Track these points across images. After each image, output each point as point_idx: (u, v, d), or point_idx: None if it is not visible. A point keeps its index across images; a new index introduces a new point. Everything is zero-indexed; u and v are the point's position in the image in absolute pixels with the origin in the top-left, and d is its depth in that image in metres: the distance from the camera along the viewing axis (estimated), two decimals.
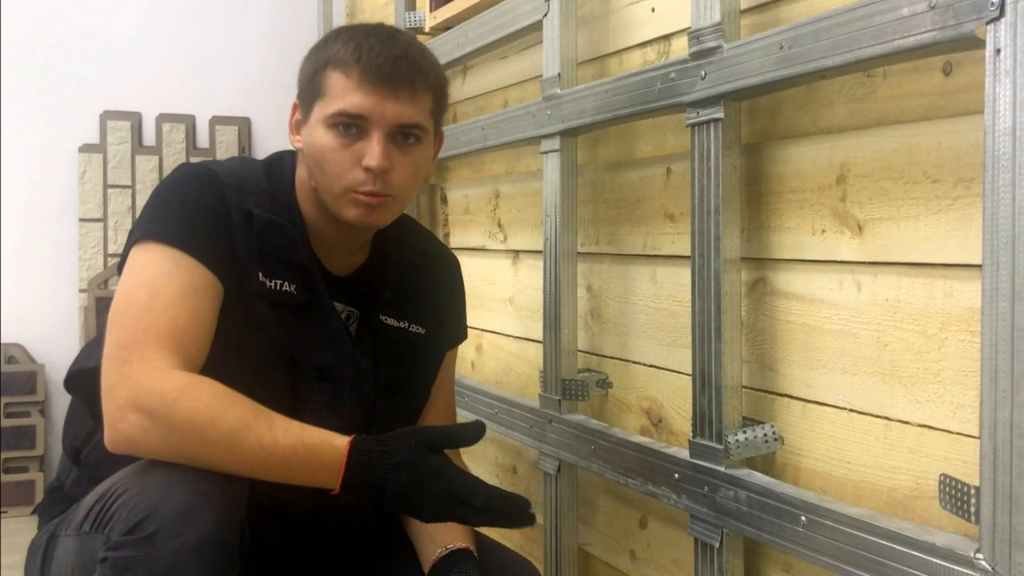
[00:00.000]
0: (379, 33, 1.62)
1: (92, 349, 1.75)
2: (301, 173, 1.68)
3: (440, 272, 1.91)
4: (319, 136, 1.59)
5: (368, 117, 1.57)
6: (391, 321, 1.78)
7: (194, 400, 1.42)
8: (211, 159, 1.76)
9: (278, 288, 1.62)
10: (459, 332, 1.96)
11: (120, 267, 1.62)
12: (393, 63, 1.57)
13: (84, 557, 1.46)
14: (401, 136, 1.60)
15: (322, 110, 1.59)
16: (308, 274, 1.65)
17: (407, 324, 1.81)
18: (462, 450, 1.90)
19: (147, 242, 1.55)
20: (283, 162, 1.72)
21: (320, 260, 1.68)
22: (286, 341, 1.62)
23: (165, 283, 1.51)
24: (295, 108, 1.68)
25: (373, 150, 1.56)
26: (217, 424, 1.41)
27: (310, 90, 1.62)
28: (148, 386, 1.42)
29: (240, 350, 1.58)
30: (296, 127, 1.68)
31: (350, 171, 1.58)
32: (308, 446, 1.44)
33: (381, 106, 1.57)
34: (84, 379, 1.71)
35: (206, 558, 1.33)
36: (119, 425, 1.42)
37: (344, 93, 1.57)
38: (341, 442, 1.44)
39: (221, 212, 1.59)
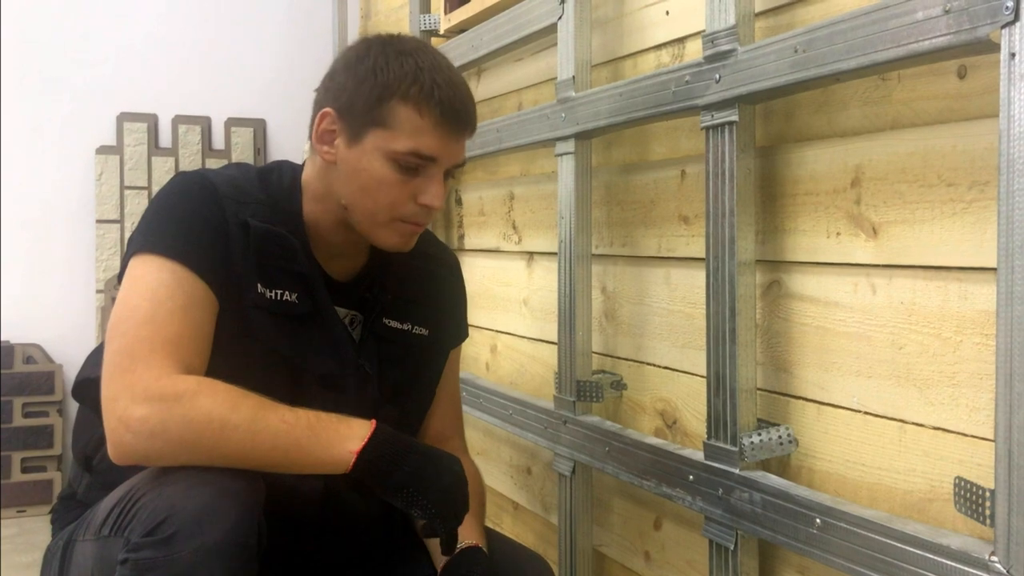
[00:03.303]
0: (442, 65, 1.61)
1: (97, 357, 1.75)
2: (319, 183, 1.66)
3: (440, 273, 1.92)
4: (376, 166, 1.57)
5: (437, 159, 1.59)
6: (395, 324, 1.79)
7: (212, 395, 1.43)
8: (212, 168, 1.76)
9: (278, 298, 1.62)
10: (461, 331, 1.97)
11: (120, 277, 1.62)
12: (464, 104, 1.60)
13: (104, 560, 1.47)
14: (446, 174, 1.63)
15: (386, 141, 1.56)
16: (309, 282, 1.65)
17: (410, 326, 1.81)
18: (477, 453, 1.91)
19: (146, 253, 1.55)
20: (282, 170, 1.71)
21: (322, 266, 1.69)
22: (287, 351, 1.62)
23: (166, 295, 1.51)
24: (328, 116, 1.62)
25: (436, 190, 1.59)
26: (239, 408, 1.43)
27: (367, 114, 1.58)
28: (159, 389, 1.42)
29: (241, 362, 1.57)
30: (327, 137, 1.63)
31: (404, 204, 1.60)
32: (331, 415, 1.49)
33: (449, 148, 1.60)
34: (91, 388, 1.71)
35: (226, 559, 1.34)
36: (124, 436, 1.42)
37: (417, 133, 1.56)
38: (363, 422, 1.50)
39: (219, 223, 1.59)
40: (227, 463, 1.43)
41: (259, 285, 1.61)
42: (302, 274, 1.64)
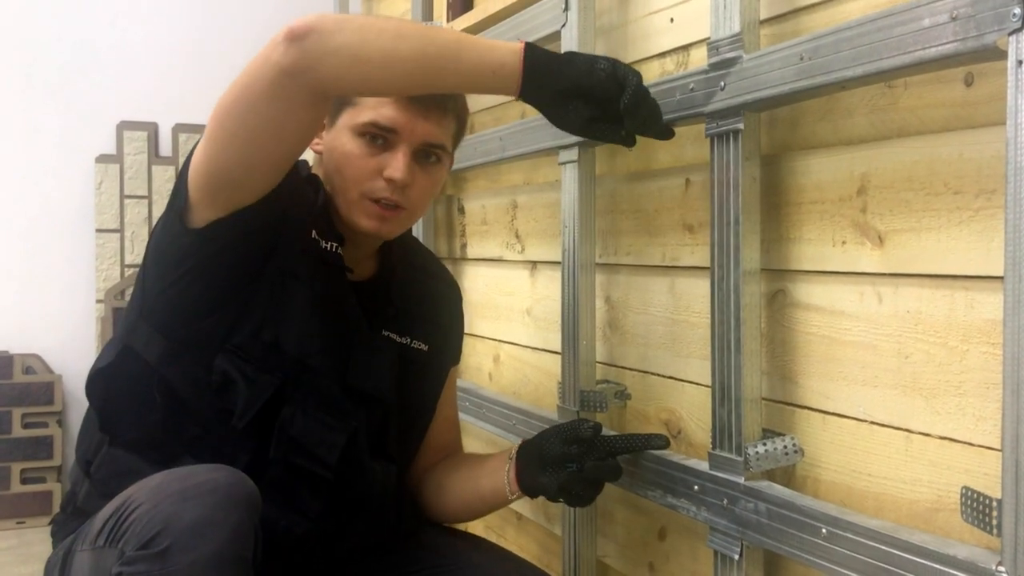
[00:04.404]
0: None
1: (108, 347, 1.76)
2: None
3: (443, 292, 1.95)
4: (344, 141, 1.62)
5: (398, 131, 1.61)
6: (393, 337, 1.80)
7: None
8: None
9: (331, 249, 1.67)
10: (457, 352, 2.00)
11: (184, 166, 1.64)
12: None
13: (99, 571, 1.46)
14: (423, 155, 1.65)
15: (351, 118, 1.62)
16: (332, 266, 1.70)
17: (409, 340, 1.83)
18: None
19: None
20: (297, 165, 1.74)
21: None
22: (325, 293, 1.69)
23: None
24: None
25: (398, 163, 1.61)
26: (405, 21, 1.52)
27: (340, 98, 1.63)
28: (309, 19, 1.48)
29: (286, 297, 1.65)
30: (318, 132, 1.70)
31: (370, 179, 1.62)
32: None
33: (412, 123, 1.61)
34: (100, 381, 1.71)
35: (220, 572, 1.34)
36: (291, 25, 1.48)
37: (377, 105, 1.61)
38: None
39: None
40: (393, 45, 1.47)
41: (314, 232, 1.66)
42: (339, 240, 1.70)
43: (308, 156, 1.76)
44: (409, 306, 1.83)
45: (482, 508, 1.92)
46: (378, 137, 1.62)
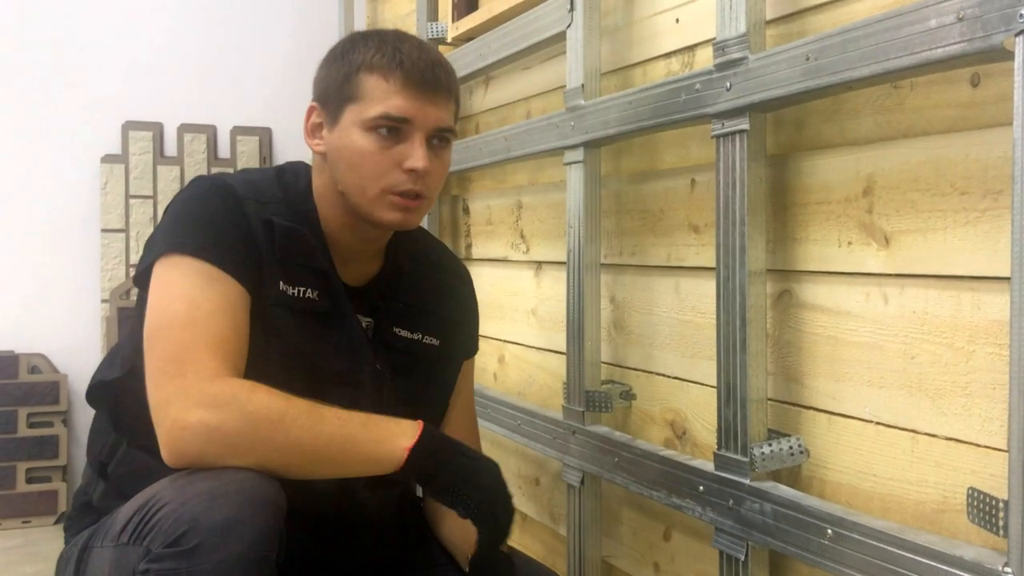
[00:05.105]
0: (409, 39, 1.66)
1: (112, 359, 1.75)
2: (320, 179, 1.69)
3: (453, 283, 1.93)
4: (355, 139, 1.60)
5: (411, 120, 1.59)
6: (404, 333, 1.79)
7: (266, 393, 1.44)
8: (225, 172, 1.81)
9: (300, 295, 1.64)
10: (472, 343, 1.97)
11: (137, 279, 1.62)
12: (432, 68, 1.61)
13: (121, 568, 1.46)
14: (436, 139, 1.63)
15: (358, 113, 1.60)
16: (328, 281, 1.67)
17: (421, 336, 1.81)
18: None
19: (174, 255, 1.55)
20: (297, 171, 1.73)
21: (336, 270, 1.69)
22: (307, 348, 1.63)
23: (203, 296, 1.51)
24: (312, 111, 1.69)
25: (417, 152, 1.59)
26: (294, 403, 1.45)
27: (339, 94, 1.62)
28: (213, 392, 1.43)
29: (263, 358, 1.58)
30: (314, 131, 1.69)
31: (390, 173, 1.60)
32: (378, 416, 1.51)
33: (423, 110, 1.60)
34: (106, 391, 1.71)
35: (248, 572, 1.34)
36: (179, 440, 1.42)
37: (385, 97, 1.59)
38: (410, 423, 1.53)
39: (243, 223, 1.60)
40: (281, 460, 1.44)
41: (282, 283, 1.62)
42: (323, 272, 1.66)
43: (307, 157, 1.75)
44: (419, 301, 1.82)
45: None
46: (393, 129, 1.61)
